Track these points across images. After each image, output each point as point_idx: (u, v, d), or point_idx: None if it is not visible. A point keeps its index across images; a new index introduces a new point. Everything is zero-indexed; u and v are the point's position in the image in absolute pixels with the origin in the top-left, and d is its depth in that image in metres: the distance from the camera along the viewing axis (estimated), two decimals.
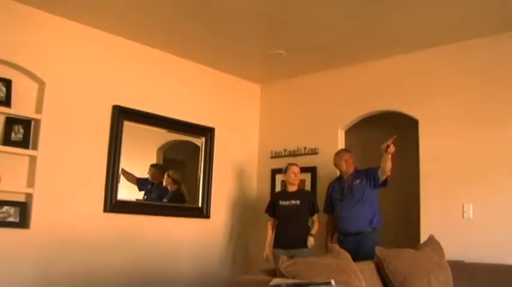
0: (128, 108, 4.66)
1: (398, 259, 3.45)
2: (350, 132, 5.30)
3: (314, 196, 4.99)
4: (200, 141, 5.34)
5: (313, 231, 4.72)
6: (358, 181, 4.54)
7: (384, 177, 4.37)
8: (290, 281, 2.36)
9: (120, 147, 4.59)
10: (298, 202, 4.76)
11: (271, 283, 2.33)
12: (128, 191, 4.68)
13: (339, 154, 4.74)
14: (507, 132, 4.11)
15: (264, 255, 4.81)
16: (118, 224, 4.52)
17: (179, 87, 5.18)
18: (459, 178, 4.30)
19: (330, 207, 4.76)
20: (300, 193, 4.87)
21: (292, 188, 4.87)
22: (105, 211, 4.44)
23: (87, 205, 4.34)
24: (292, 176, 4.83)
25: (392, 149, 4.13)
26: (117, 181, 4.55)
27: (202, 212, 5.24)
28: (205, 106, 5.42)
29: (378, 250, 3.52)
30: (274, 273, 2.75)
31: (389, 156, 4.21)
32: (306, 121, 5.49)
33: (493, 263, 3.81)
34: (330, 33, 4.44)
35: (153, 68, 4.96)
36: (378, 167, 4.37)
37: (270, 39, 4.66)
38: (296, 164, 4.91)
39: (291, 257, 4.50)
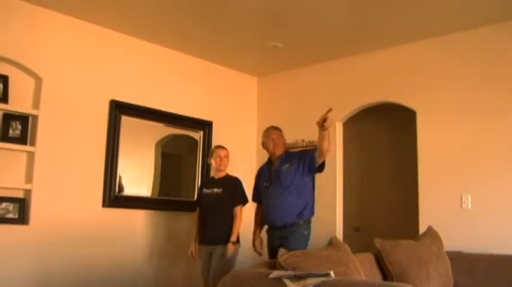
0: (125, 103, 4.65)
1: (397, 250, 3.46)
2: (348, 124, 5.30)
3: (239, 183, 4.31)
4: (198, 135, 5.34)
5: (233, 235, 4.06)
6: (287, 165, 3.92)
7: (321, 159, 3.78)
8: (290, 273, 2.37)
9: (118, 142, 4.59)
10: (220, 190, 4.22)
11: (271, 276, 2.34)
12: (126, 186, 4.69)
13: (266, 131, 4.16)
14: (506, 123, 4.11)
15: (189, 251, 4.35)
16: (117, 219, 4.53)
17: (176, 81, 5.17)
18: (457, 169, 4.31)
19: (258, 195, 4.17)
20: (224, 180, 4.31)
21: (219, 175, 4.34)
22: (104, 205, 4.45)
23: (86, 200, 4.35)
24: (218, 160, 4.29)
25: (329, 123, 3.49)
26: (116, 176, 4.55)
27: None
28: (202, 100, 5.41)
29: (377, 241, 3.52)
30: (273, 265, 2.76)
31: (327, 133, 3.58)
32: (304, 113, 5.48)
33: (492, 254, 3.82)
34: (327, 26, 4.44)
35: (150, 63, 4.95)
36: (315, 149, 3.79)
37: (267, 32, 4.65)
38: (223, 147, 4.41)
39: (210, 255, 4.14)
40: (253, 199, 4.29)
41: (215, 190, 4.28)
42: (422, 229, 4.21)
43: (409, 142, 4.67)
